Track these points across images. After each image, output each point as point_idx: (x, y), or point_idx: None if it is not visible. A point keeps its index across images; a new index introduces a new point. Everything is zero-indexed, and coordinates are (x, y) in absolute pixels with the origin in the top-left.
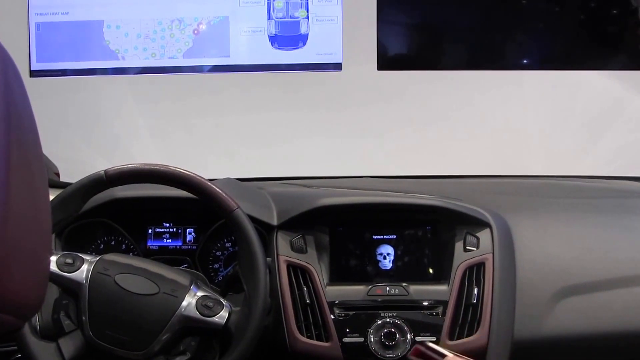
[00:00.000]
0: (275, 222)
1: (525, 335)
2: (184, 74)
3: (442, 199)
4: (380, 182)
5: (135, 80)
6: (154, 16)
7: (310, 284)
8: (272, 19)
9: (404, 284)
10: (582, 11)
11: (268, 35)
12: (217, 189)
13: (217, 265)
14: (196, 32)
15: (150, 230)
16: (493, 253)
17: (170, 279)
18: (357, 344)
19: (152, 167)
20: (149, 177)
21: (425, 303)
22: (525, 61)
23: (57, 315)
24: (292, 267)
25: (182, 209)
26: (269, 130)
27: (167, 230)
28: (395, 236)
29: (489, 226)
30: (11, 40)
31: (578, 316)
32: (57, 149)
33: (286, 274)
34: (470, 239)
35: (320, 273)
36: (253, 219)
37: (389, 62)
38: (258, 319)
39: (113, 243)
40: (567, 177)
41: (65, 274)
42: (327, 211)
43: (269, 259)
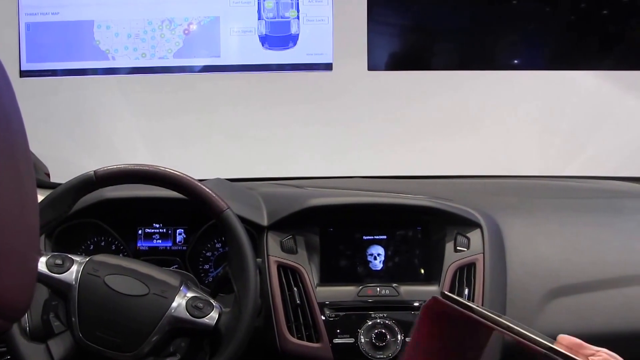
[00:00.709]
0: (265, 222)
1: None
2: (175, 74)
3: (433, 199)
4: (370, 182)
5: (125, 80)
6: (144, 16)
7: (301, 285)
8: (263, 19)
9: (394, 285)
10: (573, 11)
11: (258, 35)
12: (207, 190)
13: (207, 266)
14: (186, 32)
15: (140, 231)
16: (484, 253)
17: (160, 280)
18: (347, 344)
19: (141, 167)
20: (138, 178)
21: (415, 304)
22: (515, 61)
23: (47, 317)
24: (282, 267)
25: (172, 209)
26: (260, 130)
27: (157, 230)
28: (385, 237)
29: (480, 226)
30: (1, 40)
31: (568, 316)
32: (47, 150)
33: (276, 275)
34: (460, 239)
35: (310, 274)
36: (243, 220)
37: (379, 62)
38: (248, 319)
39: (103, 244)
40: (558, 177)
41: (55, 275)
42: (317, 211)
43: (259, 260)
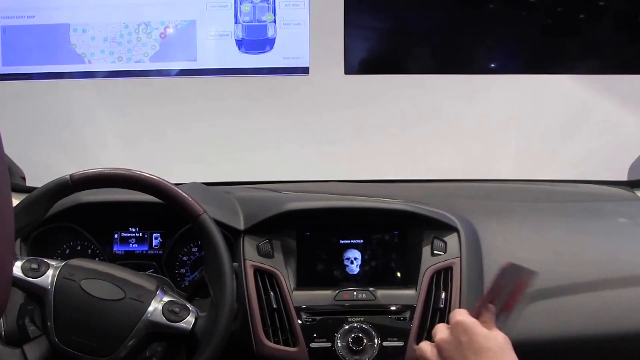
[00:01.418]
0: (242, 226)
1: None
2: (151, 77)
3: (410, 203)
4: (347, 186)
5: (101, 84)
6: (121, 20)
7: (277, 289)
8: (239, 23)
9: (371, 289)
10: (549, 15)
11: (235, 39)
12: (184, 194)
13: (183, 270)
14: (163, 35)
15: (116, 235)
16: (461, 257)
17: (136, 284)
18: (324, 349)
19: (118, 171)
20: (114, 182)
21: (392, 308)
22: (492, 65)
23: (22, 321)
24: (259, 271)
25: (149, 213)
26: (236, 134)
27: (134, 235)
28: (362, 241)
29: (457, 230)
30: None
31: (546, 320)
32: (23, 153)
33: (253, 279)
34: (437, 243)
35: (287, 278)
36: (219, 224)
37: (356, 66)
38: (225, 324)
39: (79, 248)
40: (535, 181)
41: (31, 279)
42: (294, 216)
43: (236, 264)
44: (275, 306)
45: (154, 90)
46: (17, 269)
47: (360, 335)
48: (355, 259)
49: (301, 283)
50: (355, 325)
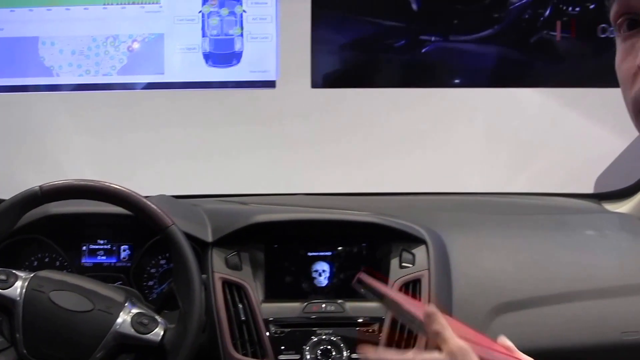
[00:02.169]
0: (210, 238)
1: None
2: (118, 91)
3: (378, 215)
4: (315, 199)
5: (69, 97)
6: (89, 33)
7: (246, 301)
8: (207, 37)
9: (339, 301)
10: (516, 29)
11: (202, 52)
12: (152, 205)
13: (152, 282)
14: (130, 49)
15: (84, 247)
16: (429, 269)
17: (104, 296)
18: None
19: (87, 183)
20: (84, 193)
21: (361, 320)
22: (459, 79)
23: None
24: (227, 284)
25: (117, 225)
26: (204, 147)
27: (102, 247)
28: (330, 253)
29: (425, 243)
30: None
31: (514, 332)
32: None
33: (221, 291)
34: (405, 255)
35: (255, 290)
36: (188, 236)
37: (322, 79)
38: (193, 336)
39: (47, 260)
40: (503, 194)
41: None
42: (261, 228)
43: (204, 276)
44: (243, 318)
45: (121, 103)
46: None
47: (329, 347)
48: (324, 271)
49: (270, 295)
50: (324, 337)
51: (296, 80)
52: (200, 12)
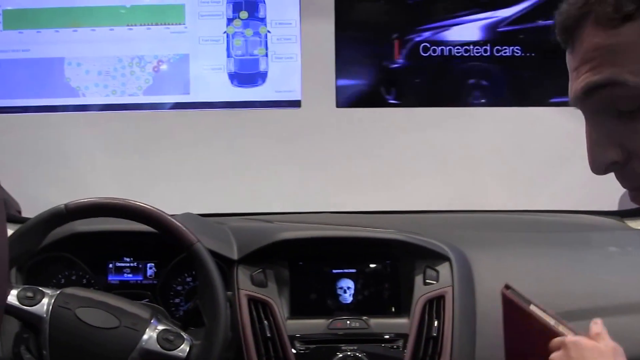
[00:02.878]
0: (235, 256)
1: None
2: (144, 111)
3: (402, 233)
4: (340, 217)
5: (95, 117)
6: (115, 53)
7: (271, 318)
8: (232, 57)
9: (364, 318)
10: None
11: (227, 72)
12: (177, 223)
13: (178, 300)
14: (156, 69)
15: (110, 265)
16: (453, 286)
17: (131, 313)
18: None
19: (112, 200)
20: (109, 211)
21: (385, 336)
22: (483, 98)
23: (18, 349)
24: (252, 301)
25: (143, 243)
26: (229, 166)
27: (128, 264)
28: (355, 270)
29: (449, 260)
30: None
31: None
32: (18, 186)
33: (247, 308)
34: (429, 272)
35: (280, 307)
36: (213, 254)
37: (347, 99)
38: (218, 352)
39: (74, 278)
40: (526, 211)
41: (26, 307)
42: (287, 245)
43: (230, 293)
44: (269, 335)
45: (147, 123)
46: (13, 297)
47: None
48: (349, 288)
49: (295, 312)
50: (349, 353)
51: (321, 100)
52: (224, 32)
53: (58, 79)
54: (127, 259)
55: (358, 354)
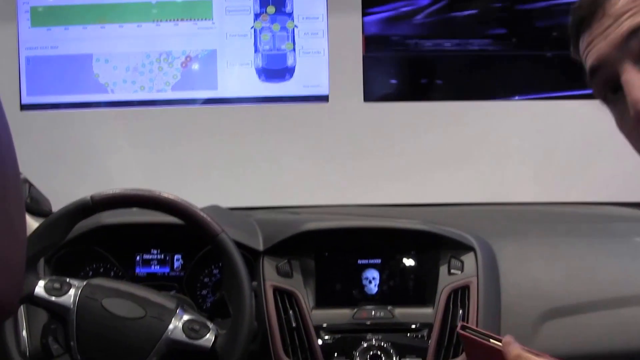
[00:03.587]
0: (261, 247)
1: None
2: (173, 106)
3: (427, 223)
4: (366, 209)
5: (124, 113)
6: (143, 50)
7: (297, 308)
8: (259, 52)
9: (389, 307)
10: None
11: (255, 68)
12: (202, 214)
13: (204, 292)
14: (184, 65)
15: (138, 257)
16: (477, 276)
17: (156, 303)
18: None
19: (137, 192)
20: (134, 202)
21: (410, 326)
22: (512, 91)
23: (46, 340)
24: (278, 291)
25: (169, 235)
26: (257, 161)
27: (155, 257)
28: (380, 260)
29: (473, 250)
30: (2, 74)
31: (562, 338)
32: (48, 183)
33: (272, 299)
34: (454, 262)
35: (306, 297)
36: (239, 245)
37: (375, 93)
38: (244, 341)
39: (102, 270)
40: (552, 203)
41: (53, 298)
42: (312, 236)
43: (255, 283)
44: (294, 325)
45: (175, 119)
46: (40, 288)
47: (378, 353)
48: (374, 278)
49: (320, 302)
50: (374, 343)
51: (349, 95)
52: (252, 27)
53: (87, 76)
54: (154, 251)
55: (383, 344)
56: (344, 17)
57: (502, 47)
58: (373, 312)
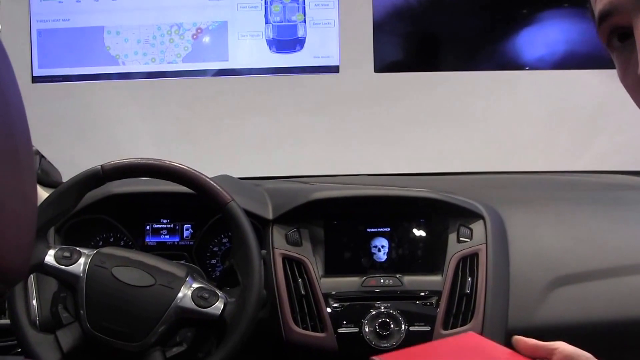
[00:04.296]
0: (270, 216)
1: (519, 325)
2: (184, 78)
3: (436, 191)
4: (376, 179)
5: (135, 85)
6: (153, 22)
7: (306, 276)
8: (270, 23)
9: (398, 275)
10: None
11: (266, 39)
12: (212, 182)
13: (214, 261)
14: (195, 37)
15: (148, 227)
16: (486, 244)
17: (166, 271)
18: (352, 334)
19: (147, 161)
20: (144, 172)
21: (419, 293)
22: (521, 61)
23: (56, 308)
24: (287, 259)
25: (179, 204)
26: (268, 131)
27: (165, 226)
28: (389, 229)
29: (482, 218)
30: (14, 46)
31: (571, 305)
32: (58, 153)
33: (281, 267)
34: (463, 230)
35: (315, 265)
36: (249, 213)
37: (385, 64)
38: (252, 309)
39: (112, 240)
40: (563, 172)
41: (63, 266)
42: (321, 204)
43: (264, 251)
44: (303, 293)
45: (186, 90)
46: (50, 257)
47: (387, 320)
48: (383, 246)
49: (329, 270)
50: (383, 310)
51: (359, 65)
52: None
53: (98, 48)
54: (164, 221)
55: (392, 311)
56: None
57: (514, 18)
58: (382, 280)
